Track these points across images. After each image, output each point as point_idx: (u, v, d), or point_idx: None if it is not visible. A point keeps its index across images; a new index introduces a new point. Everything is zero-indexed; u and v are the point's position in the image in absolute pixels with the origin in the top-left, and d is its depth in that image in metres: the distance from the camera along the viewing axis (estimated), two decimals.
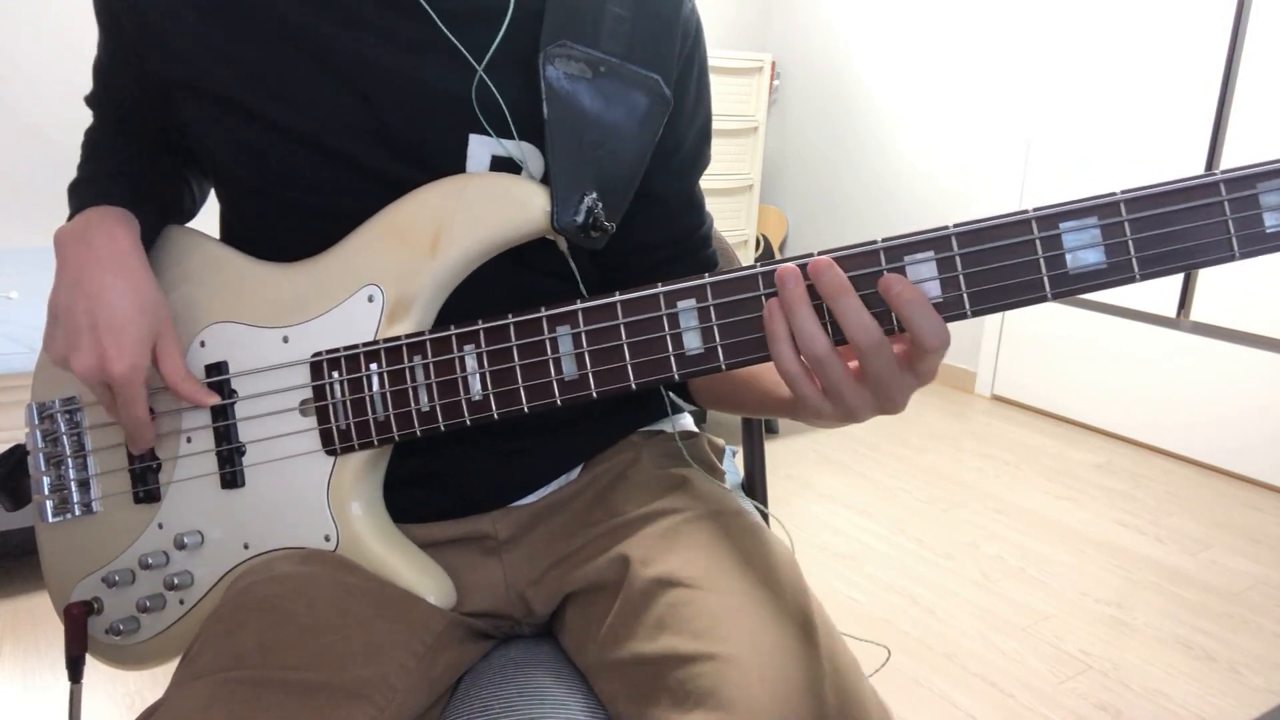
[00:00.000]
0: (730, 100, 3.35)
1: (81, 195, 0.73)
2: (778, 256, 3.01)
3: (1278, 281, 2.52)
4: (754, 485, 1.01)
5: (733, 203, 3.49)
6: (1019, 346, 3.19)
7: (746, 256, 3.57)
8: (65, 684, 0.76)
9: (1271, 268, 2.52)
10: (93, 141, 0.80)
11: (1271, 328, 2.54)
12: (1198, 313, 2.70)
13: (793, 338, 0.55)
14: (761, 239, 3.71)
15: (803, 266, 0.55)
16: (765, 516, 0.93)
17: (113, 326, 0.66)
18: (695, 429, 0.88)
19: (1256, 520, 2.38)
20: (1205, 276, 2.68)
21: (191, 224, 0.81)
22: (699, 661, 0.60)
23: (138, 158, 0.77)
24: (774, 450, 2.72)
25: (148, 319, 0.67)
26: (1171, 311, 2.76)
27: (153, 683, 1.53)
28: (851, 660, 0.64)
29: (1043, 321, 3.11)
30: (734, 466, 0.97)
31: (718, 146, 3.42)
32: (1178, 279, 2.73)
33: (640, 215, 0.74)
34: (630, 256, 0.77)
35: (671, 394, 0.84)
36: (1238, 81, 2.54)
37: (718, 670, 0.59)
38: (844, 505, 2.39)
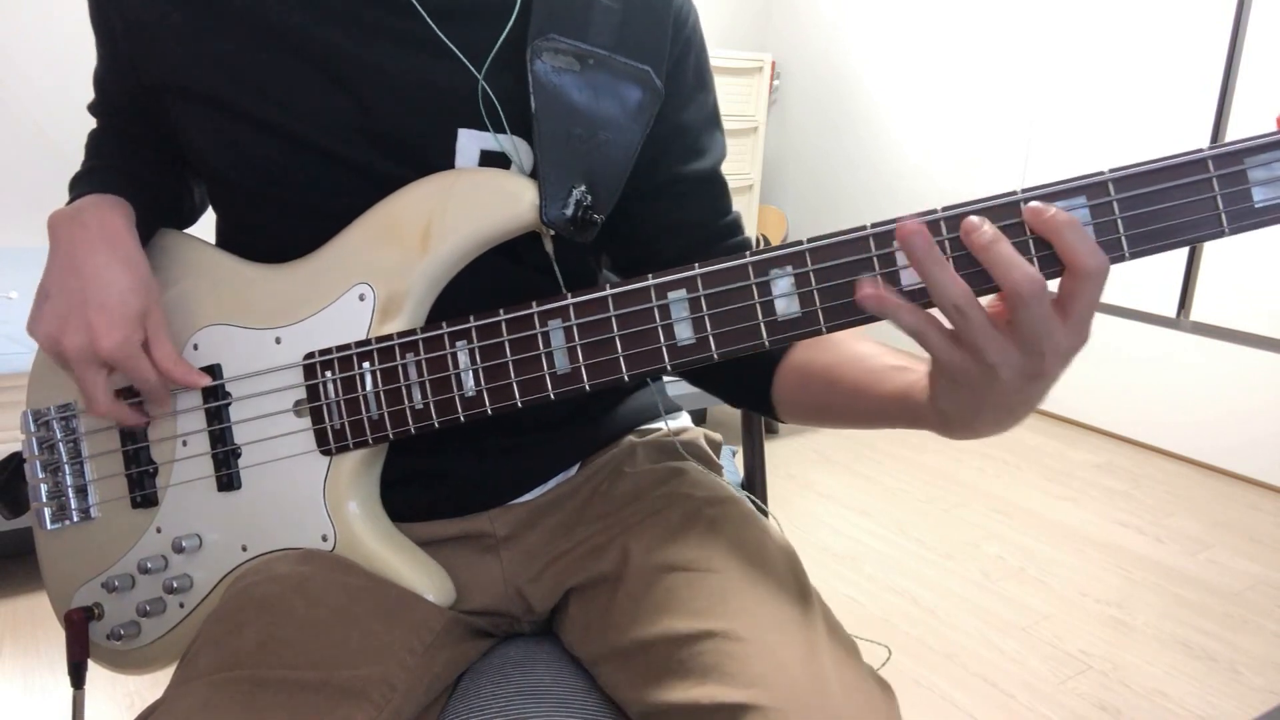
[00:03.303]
0: (730, 100, 3.35)
1: (80, 186, 0.73)
2: None
3: (1278, 281, 2.52)
4: (754, 485, 1.01)
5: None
6: None
7: None
8: (66, 684, 0.76)
9: (1271, 267, 2.52)
10: (95, 143, 0.80)
11: (1271, 328, 2.54)
12: (1198, 313, 2.69)
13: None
14: (761, 239, 3.71)
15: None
16: (765, 515, 0.93)
17: (104, 304, 0.65)
18: (692, 426, 0.88)
19: (1256, 520, 2.38)
20: (1205, 276, 2.67)
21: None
22: (699, 640, 0.60)
23: (137, 159, 0.77)
24: (774, 450, 2.72)
25: (139, 298, 0.67)
26: (1171, 311, 2.76)
27: (153, 683, 1.53)
28: (849, 636, 0.65)
29: None
30: (734, 466, 0.97)
31: None
32: (1178, 278, 2.73)
33: (661, 200, 0.74)
34: (659, 244, 0.76)
35: (749, 409, 0.80)
36: (1240, 68, 2.54)
37: (717, 646, 0.59)
38: (844, 505, 2.39)
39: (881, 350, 0.65)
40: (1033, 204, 0.50)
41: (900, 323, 0.51)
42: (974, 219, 0.50)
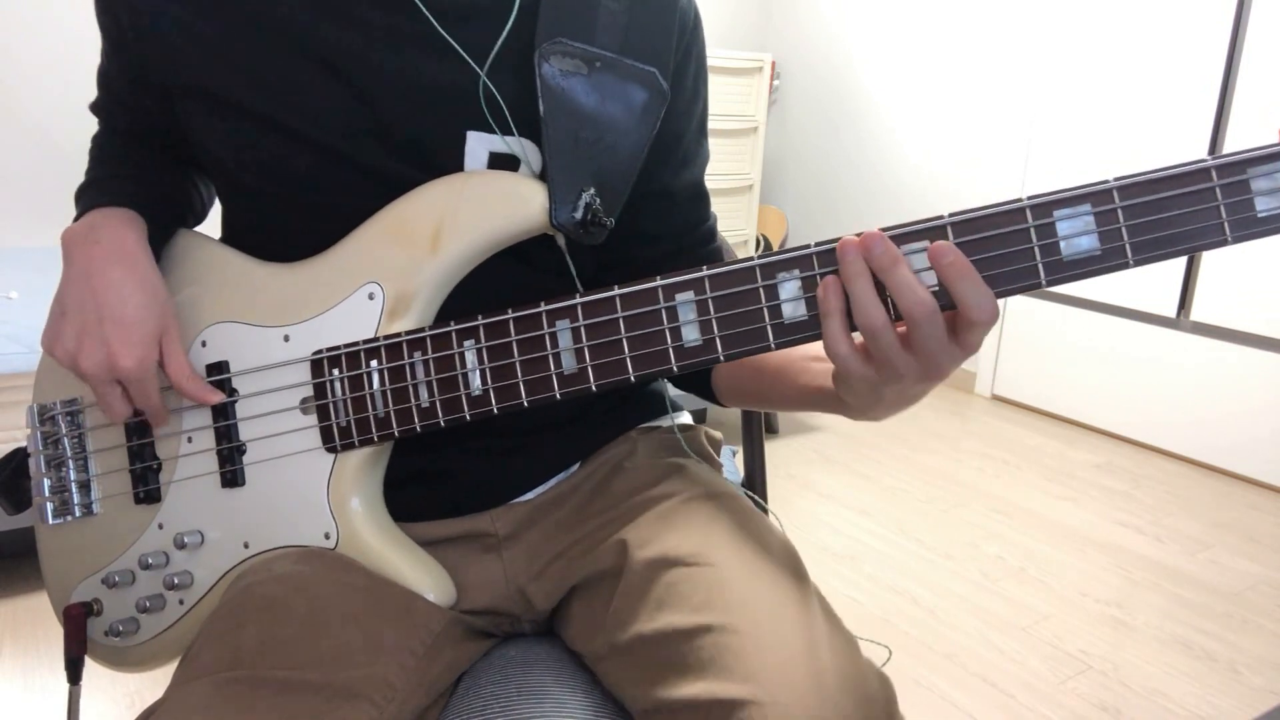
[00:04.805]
0: (730, 100, 3.35)
1: (88, 198, 0.73)
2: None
3: (1278, 281, 2.52)
4: (754, 485, 1.01)
5: (733, 203, 3.49)
6: (1019, 346, 3.19)
7: None
8: (65, 684, 0.76)
9: (1271, 268, 2.52)
10: (99, 147, 0.80)
11: (1271, 328, 2.54)
12: (1198, 313, 2.70)
13: (847, 312, 0.55)
14: (761, 239, 3.71)
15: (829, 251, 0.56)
16: (765, 512, 0.93)
17: (121, 322, 0.66)
18: (692, 424, 0.88)
19: (1256, 520, 2.38)
20: (1205, 276, 2.67)
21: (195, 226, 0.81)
22: (699, 634, 0.60)
23: (143, 161, 0.77)
24: (774, 450, 2.72)
25: (155, 316, 0.67)
26: (1171, 311, 2.76)
27: (152, 683, 1.53)
28: (847, 630, 0.65)
29: (1043, 321, 3.11)
30: (734, 466, 0.97)
31: (718, 146, 3.44)
32: (1178, 278, 2.73)
33: (646, 207, 0.75)
34: (635, 249, 0.77)
35: (692, 393, 0.83)
36: (1240, 69, 2.54)
37: (716, 641, 0.60)
38: (844, 505, 2.39)
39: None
40: (939, 243, 0.53)
41: (825, 327, 0.55)
42: (878, 240, 0.54)
